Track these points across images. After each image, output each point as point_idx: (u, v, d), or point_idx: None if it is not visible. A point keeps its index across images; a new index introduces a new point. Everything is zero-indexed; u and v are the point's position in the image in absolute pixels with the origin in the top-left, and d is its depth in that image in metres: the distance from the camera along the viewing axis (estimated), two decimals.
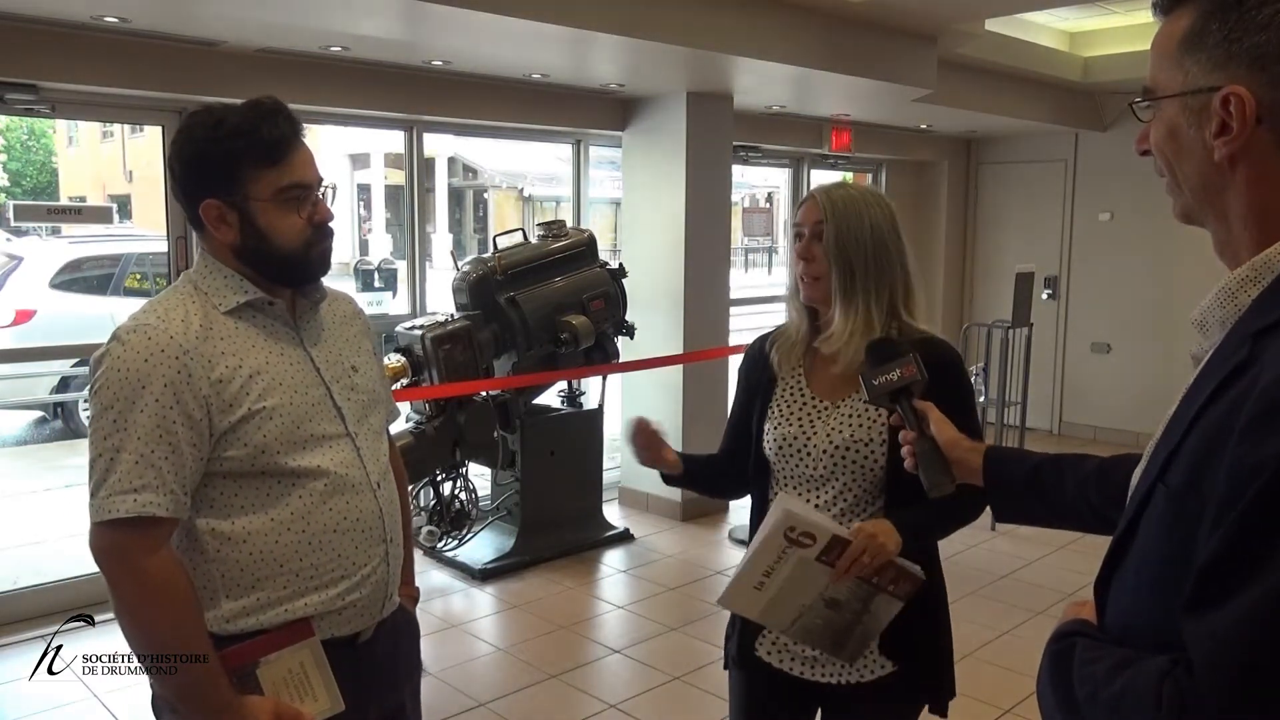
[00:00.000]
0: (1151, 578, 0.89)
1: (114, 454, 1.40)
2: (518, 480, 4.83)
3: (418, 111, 4.94)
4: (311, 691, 1.51)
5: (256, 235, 1.51)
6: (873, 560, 1.60)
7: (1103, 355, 7.51)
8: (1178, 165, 0.94)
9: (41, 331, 6.40)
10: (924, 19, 4.84)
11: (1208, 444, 0.84)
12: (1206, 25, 0.89)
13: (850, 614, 1.64)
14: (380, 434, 1.69)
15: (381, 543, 1.60)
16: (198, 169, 1.51)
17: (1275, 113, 0.86)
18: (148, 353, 1.43)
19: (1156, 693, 0.80)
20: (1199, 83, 0.90)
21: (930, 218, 8.06)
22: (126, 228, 10.93)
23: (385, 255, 10.41)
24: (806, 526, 1.57)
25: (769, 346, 1.87)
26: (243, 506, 1.49)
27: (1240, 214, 0.91)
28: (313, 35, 4.04)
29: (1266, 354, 0.82)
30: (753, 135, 6.32)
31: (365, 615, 1.59)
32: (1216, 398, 0.85)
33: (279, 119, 1.50)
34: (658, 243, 5.52)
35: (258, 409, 1.48)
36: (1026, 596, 4.42)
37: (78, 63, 3.85)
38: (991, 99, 6.34)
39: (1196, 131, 0.91)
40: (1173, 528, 0.86)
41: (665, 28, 4.07)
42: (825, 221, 1.75)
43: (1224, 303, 0.92)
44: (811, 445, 1.77)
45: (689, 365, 5.45)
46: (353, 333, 1.71)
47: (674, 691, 3.51)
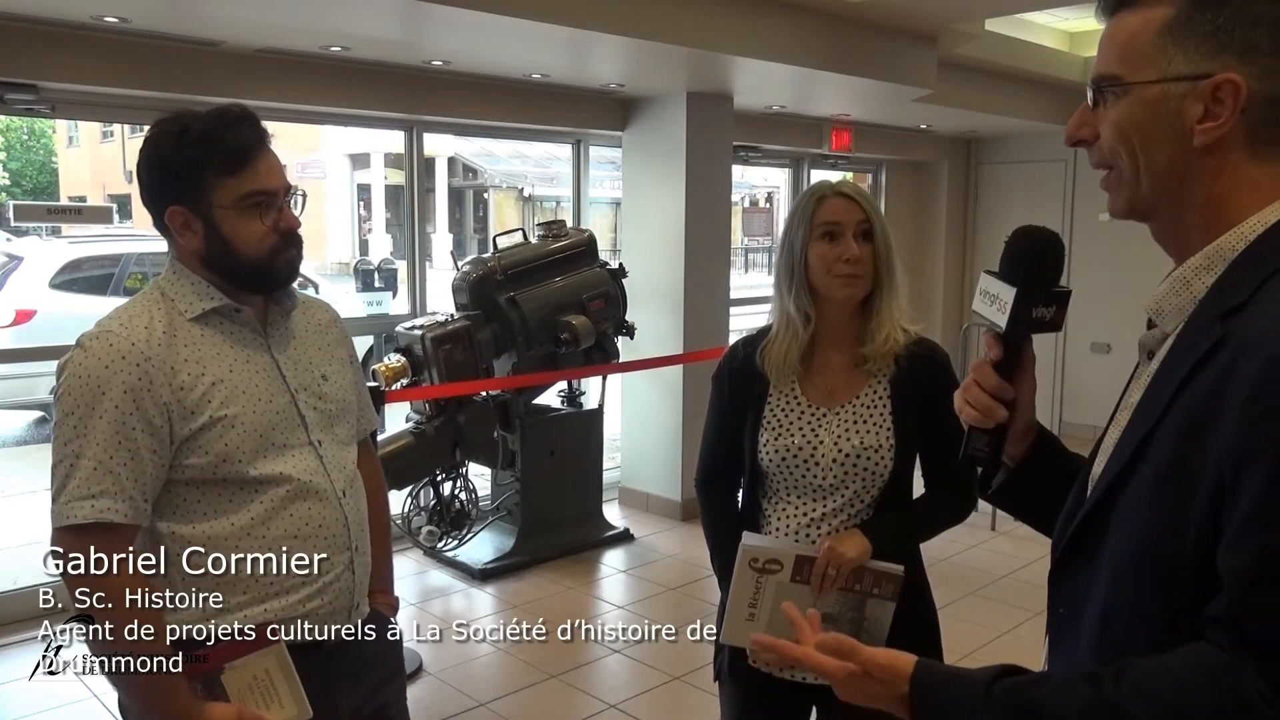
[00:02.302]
0: (1133, 559, 0.91)
1: (74, 460, 1.41)
2: (518, 480, 4.83)
3: (418, 111, 4.94)
4: (278, 698, 1.50)
5: (220, 242, 1.52)
6: (839, 571, 1.63)
7: (1103, 355, 7.51)
8: (1143, 152, 0.95)
9: (41, 331, 6.39)
10: (924, 19, 4.83)
11: (1191, 422, 0.86)
12: (1193, 16, 0.91)
13: (848, 624, 1.66)
14: (347, 443, 1.67)
15: (346, 550, 1.59)
16: (162, 175, 1.52)
17: (1257, 104, 0.90)
18: (108, 359, 1.43)
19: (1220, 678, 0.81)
20: (1185, 69, 0.91)
21: (930, 218, 8.05)
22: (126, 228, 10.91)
23: (385, 255, 10.41)
24: (768, 555, 1.65)
25: (759, 355, 1.81)
26: (204, 512, 1.49)
27: (1199, 203, 0.94)
28: (313, 35, 4.03)
29: (1237, 334, 0.85)
30: (753, 135, 6.32)
31: (328, 622, 1.57)
32: (1192, 378, 0.88)
33: (243, 126, 1.50)
34: (658, 243, 5.52)
35: (219, 417, 1.48)
36: (1026, 596, 4.41)
37: (78, 63, 3.85)
38: (991, 99, 6.33)
39: (1175, 117, 0.92)
40: (1158, 505, 0.88)
41: (665, 28, 4.07)
42: (872, 220, 1.73)
43: (1179, 291, 0.95)
44: (819, 454, 1.74)
45: (689, 365, 5.45)
46: (327, 341, 1.69)
47: (674, 691, 3.51)
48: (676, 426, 5.52)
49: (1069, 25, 6.37)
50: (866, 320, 1.76)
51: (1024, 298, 1.09)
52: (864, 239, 1.73)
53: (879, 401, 1.76)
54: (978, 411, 1.14)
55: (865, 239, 1.73)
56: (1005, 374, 1.14)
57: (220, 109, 1.53)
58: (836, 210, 1.73)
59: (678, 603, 4.32)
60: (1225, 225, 0.93)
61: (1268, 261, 0.89)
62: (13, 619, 3.95)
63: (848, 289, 1.73)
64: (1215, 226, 0.93)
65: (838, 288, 1.73)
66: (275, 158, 1.55)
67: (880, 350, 1.74)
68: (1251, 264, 0.90)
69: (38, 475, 6.56)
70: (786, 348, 1.77)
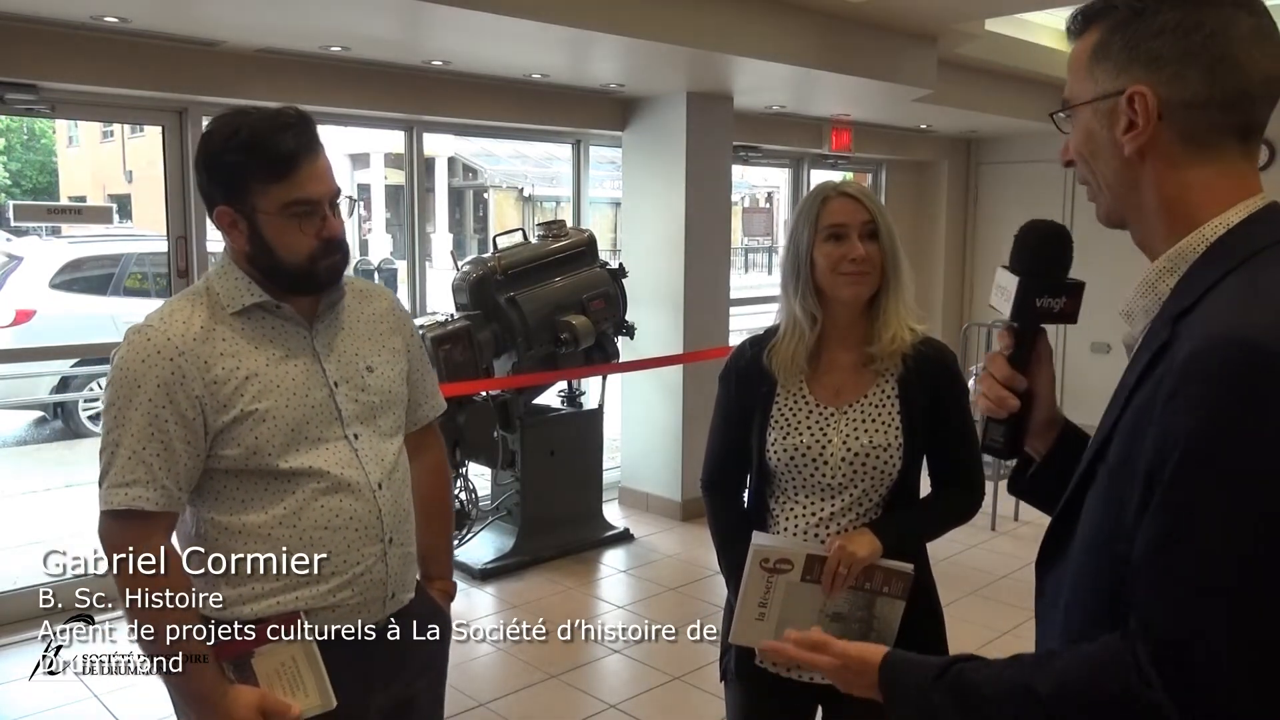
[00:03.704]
0: (1088, 551, 0.95)
1: (114, 449, 1.48)
2: (518, 480, 4.83)
3: (418, 111, 4.94)
4: (303, 686, 1.54)
5: (263, 246, 1.55)
6: (850, 570, 1.64)
7: (1103, 355, 7.51)
8: (1095, 167, 1.03)
9: (41, 331, 6.40)
10: (924, 19, 4.84)
11: (1136, 421, 0.90)
12: (1110, 38, 0.98)
13: (858, 623, 1.67)
14: (390, 435, 1.68)
15: (379, 542, 1.61)
16: (210, 176, 1.56)
17: (1173, 108, 0.95)
18: (145, 353, 1.49)
19: (1122, 657, 0.85)
20: (1106, 88, 0.98)
21: (930, 218, 8.05)
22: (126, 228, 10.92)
23: (385, 255, 10.41)
24: (779, 554, 1.66)
25: (766, 355, 1.81)
26: (242, 501, 1.54)
27: (1154, 207, 0.99)
28: (313, 35, 4.04)
29: (1180, 335, 0.89)
30: (753, 135, 6.32)
31: (359, 613, 1.60)
32: (1144, 379, 0.92)
33: (290, 133, 1.52)
34: (658, 243, 5.52)
35: (251, 411, 1.52)
36: (1026, 596, 4.39)
37: (78, 63, 3.85)
38: (991, 99, 6.33)
39: (1108, 132, 0.99)
40: (1106, 502, 0.93)
41: (665, 28, 4.07)
42: (877, 220, 1.74)
43: (1145, 293, 1.00)
44: (828, 453, 1.74)
45: (689, 365, 5.45)
46: (379, 331, 1.71)
47: (674, 691, 3.51)
48: (676, 426, 5.52)
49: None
50: (873, 320, 1.77)
51: (1027, 287, 1.13)
52: (870, 239, 1.73)
53: (887, 400, 1.76)
54: (991, 401, 1.17)
55: (871, 239, 1.73)
56: (1018, 365, 1.16)
57: (274, 112, 1.55)
58: (841, 211, 1.74)
59: (678, 603, 4.33)
60: (1185, 227, 0.96)
61: (1219, 265, 0.92)
62: (13, 619, 3.95)
63: (854, 288, 1.73)
64: (1175, 230, 0.97)
65: (843, 287, 1.73)
66: (324, 164, 1.57)
67: (887, 350, 1.74)
68: (1206, 267, 0.93)
69: (38, 475, 6.56)
70: (794, 348, 1.77)
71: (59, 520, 5.37)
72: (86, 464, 1.49)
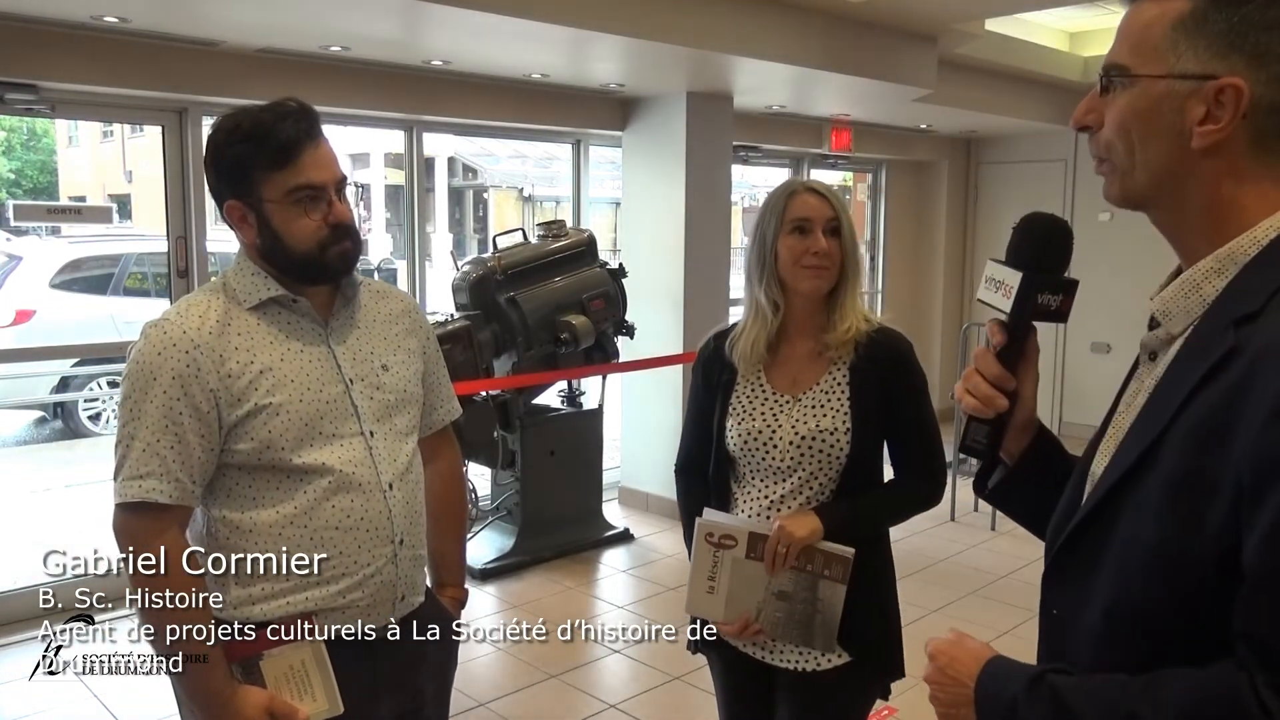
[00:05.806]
0: (1143, 563, 0.89)
1: (129, 442, 1.49)
2: (518, 480, 4.83)
3: (417, 111, 4.94)
4: (311, 691, 1.53)
5: (272, 236, 1.56)
6: (789, 549, 1.72)
7: (1103, 355, 7.51)
8: (1141, 146, 0.93)
9: (41, 331, 6.40)
10: (924, 19, 4.84)
11: (1205, 431, 0.84)
12: (1209, 13, 0.89)
13: (803, 604, 1.74)
14: (406, 435, 1.68)
15: (389, 543, 1.60)
16: (217, 171, 1.58)
17: (1259, 111, 0.87)
18: (161, 347, 1.50)
19: (1244, 696, 0.79)
20: (1192, 68, 0.89)
21: (930, 217, 8.06)
22: (126, 228, 10.91)
23: (385, 255, 10.41)
24: (723, 530, 1.76)
25: (728, 346, 1.89)
26: (254, 499, 1.54)
27: (1201, 204, 0.92)
28: (313, 35, 4.04)
29: (1252, 343, 0.83)
30: (753, 135, 6.32)
31: (369, 615, 1.59)
32: (1204, 386, 0.86)
33: (290, 121, 1.54)
34: (658, 243, 5.52)
35: (264, 404, 1.52)
36: (1026, 596, 4.41)
37: (78, 63, 3.85)
38: (991, 99, 6.34)
39: (1176, 117, 0.90)
40: (1170, 512, 0.86)
41: (665, 28, 4.07)
42: (840, 218, 1.82)
43: (1188, 293, 0.93)
44: (777, 438, 1.82)
45: (689, 365, 5.45)
46: (395, 331, 1.71)
47: (674, 691, 3.51)
48: (676, 426, 5.49)
49: (1069, 25, 6.37)
50: (831, 312, 1.83)
51: (1030, 281, 1.07)
52: (832, 235, 1.81)
53: (837, 387, 1.83)
54: (977, 400, 1.11)
55: (833, 235, 1.81)
56: (1008, 363, 1.10)
57: (274, 103, 1.58)
58: (807, 206, 1.81)
59: (678, 603, 4.31)
60: (1234, 229, 0.90)
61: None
62: (13, 619, 3.95)
63: (814, 281, 1.81)
64: (1223, 230, 0.91)
65: (805, 280, 1.81)
66: (327, 151, 1.59)
67: (842, 339, 1.81)
68: (1264, 270, 0.88)
69: (38, 475, 6.56)
70: (754, 337, 1.85)
71: (59, 520, 5.37)
72: (86, 464, 1.47)
